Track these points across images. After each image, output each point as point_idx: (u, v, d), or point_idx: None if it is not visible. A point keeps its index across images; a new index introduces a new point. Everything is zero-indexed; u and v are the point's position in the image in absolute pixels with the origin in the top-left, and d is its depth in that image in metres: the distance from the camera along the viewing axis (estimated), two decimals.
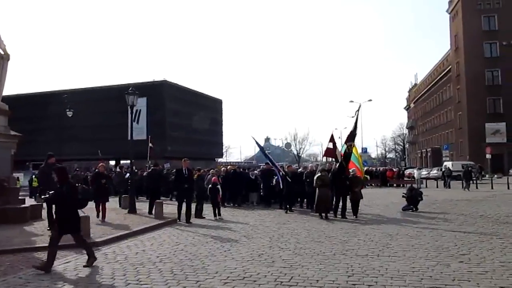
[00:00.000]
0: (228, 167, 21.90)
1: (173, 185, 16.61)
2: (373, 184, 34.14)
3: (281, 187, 16.41)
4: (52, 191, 7.90)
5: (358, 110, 16.09)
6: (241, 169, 22.33)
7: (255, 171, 21.27)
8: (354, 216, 13.85)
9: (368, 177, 31.17)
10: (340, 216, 13.96)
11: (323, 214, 13.91)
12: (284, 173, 16.58)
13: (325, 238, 10.12)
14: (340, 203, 14.41)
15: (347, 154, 15.09)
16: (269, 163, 18.44)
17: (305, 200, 17.34)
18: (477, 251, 8.34)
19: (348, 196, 14.46)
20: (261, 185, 18.97)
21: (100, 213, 13.30)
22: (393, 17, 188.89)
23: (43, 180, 12.25)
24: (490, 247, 8.68)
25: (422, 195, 16.57)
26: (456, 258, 7.75)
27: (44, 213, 12.22)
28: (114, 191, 18.79)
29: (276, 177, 17.08)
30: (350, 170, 14.90)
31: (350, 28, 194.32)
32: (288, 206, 15.94)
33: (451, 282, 6.21)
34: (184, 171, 13.80)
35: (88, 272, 7.12)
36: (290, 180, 15.98)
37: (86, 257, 7.60)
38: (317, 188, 14.23)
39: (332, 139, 16.47)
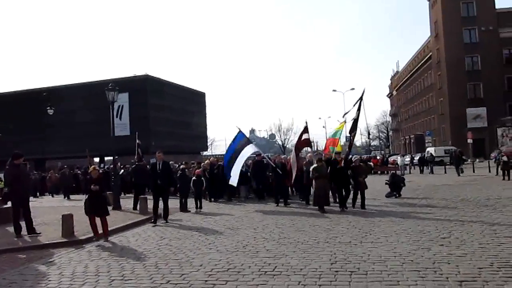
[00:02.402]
0: (211, 159, 21.02)
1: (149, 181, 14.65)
2: None
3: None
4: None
5: (361, 97, 14.61)
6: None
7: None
8: (363, 209, 12.92)
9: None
10: (349, 207, 13.06)
11: (324, 208, 12.89)
12: (274, 164, 15.92)
13: (309, 227, 10.20)
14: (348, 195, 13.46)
15: (350, 144, 15.02)
16: (260, 154, 17.94)
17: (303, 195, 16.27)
18: (457, 234, 8.50)
19: (351, 186, 13.53)
20: (252, 177, 17.99)
21: (100, 231, 9.89)
22: (373, 6, 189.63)
23: (9, 182, 10.76)
24: (470, 230, 8.86)
25: (405, 181, 16.81)
26: (436, 242, 7.89)
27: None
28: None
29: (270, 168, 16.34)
30: (353, 158, 14.52)
31: (331, 18, 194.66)
32: (281, 200, 15.04)
33: (431, 265, 6.33)
34: (158, 166, 12.38)
35: (72, 270, 7.09)
36: (280, 172, 15.20)
37: (70, 255, 7.59)
38: (313, 180, 13.47)
39: (306, 130, 15.84)
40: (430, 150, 41.76)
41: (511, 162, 22.53)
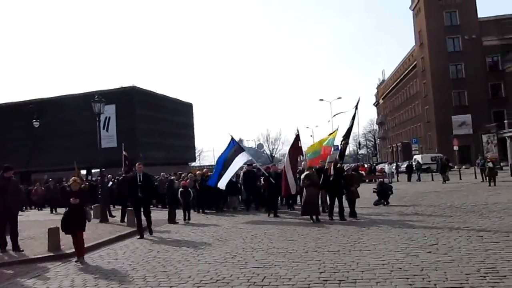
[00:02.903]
0: (204, 170, 20.99)
1: (119, 195, 14.10)
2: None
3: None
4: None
5: (357, 105, 14.57)
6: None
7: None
8: (353, 218, 12.67)
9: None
10: (337, 219, 12.63)
11: (314, 217, 12.59)
12: (267, 174, 15.62)
13: (298, 236, 10.20)
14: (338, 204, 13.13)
15: (342, 152, 14.78)
16: (252, 163, 17.74)
17: (290, 201, 16.46)
18: (444, 240, 8.56)
19: (344, 196, 13.29)
20: (242, 188, 17.68)
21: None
22: (360, 16, 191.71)
23: None
24: (457, 236, 8.93)
25: (392, 188, 16.91)
26: (424, 248, 7.94)
27: None
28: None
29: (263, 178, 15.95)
30: (345, 167, 14.24)
31: (318, 28, 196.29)
32: (272, 210, 14.76)
33: (419, 272, 6.36)
34: (138, 178, 11.77)
35: (59, 284, 7.00)
36: (274, 182, 14.84)
37: (57, 269, 7.49)
38: (304, 188, 12.98)
39: (298, 138, 15.70)
40: (417, 157, 42.07)
41: (496, 168, 22.82)
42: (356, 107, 14.50)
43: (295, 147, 15.49)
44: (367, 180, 34.14)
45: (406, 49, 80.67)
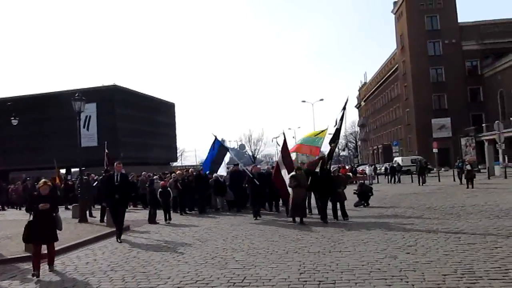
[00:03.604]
0: (190, 170, 20.36)
1: (102, 194, 12.90)
2: None
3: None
4: None
5: (345, 105, 14.46)
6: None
7: (222, 174, 17.85)
8: (345, 218, 12.58)
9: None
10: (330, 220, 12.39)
11: (298, 219, 12.34)
12: (250, 175, 15.13)
13: (279, 237, 10.22)
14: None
15: (330, 153, 14.35)
16: (238, 164, 17.57)
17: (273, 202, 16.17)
18: (423, 242, 8.67)
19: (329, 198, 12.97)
20: (229, 188, 17.21)
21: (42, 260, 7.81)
22: (342, 18, 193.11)
23: None
24: (435, 238, 9.04)
25: (372, 190, 17.06)
26: (403, 250, 8.03)
27: None
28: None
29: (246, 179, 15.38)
30: (331, 168, 13.88)
31: (300, 30, 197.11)
32: (256, 211, 14.26)
33: (398, 273, 6.43)
34: (115, 178, 10.92)
35: (35, 285, 6.89)
36: (258, 183, 14.53)
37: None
38: (291, 189, 12.76)
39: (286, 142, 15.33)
40: (398, 159, 42.58)
41: (474, 171, 23.19)
42: (344, 108, 14.41)
43: (285, 150, 15.14)
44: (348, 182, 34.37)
45: (388, 52, 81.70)
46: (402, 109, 60.72)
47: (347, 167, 40.29)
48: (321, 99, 65.87)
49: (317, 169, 13.25)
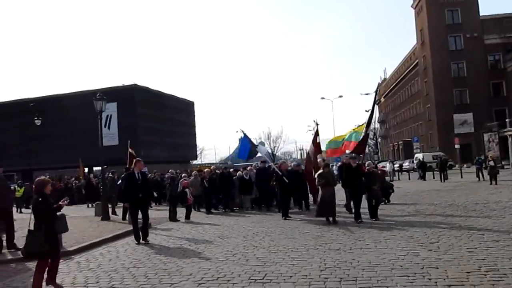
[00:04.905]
0: (212, 167, 20.26)
1: (123, 193, 12.01)
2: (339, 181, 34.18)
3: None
4: None
5: (376, 90, 14.25)
6: (228, 170, 18.58)
7: (248, 171, 17.46)
8: (373, 219, 11.83)
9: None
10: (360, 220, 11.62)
11: (330, 219, 11.72)
12: (279, 172, 14.24)
13: (299, 234, 10.21)
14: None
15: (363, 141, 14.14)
16: (267, 161, 17.05)
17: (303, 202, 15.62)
18: (445, 239, 8.57)
19: (364, 196, 12.19)
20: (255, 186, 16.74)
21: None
22: (361, 14, 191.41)
23: None
24: (458, 235, 8.93)
25: (393, 187, 16.90)
26: (425, 246, 7.95)
27: None
28: (107, 197, 16.74)
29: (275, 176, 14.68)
30: (366, 164, 13.27)
31: (319, 27, 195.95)
32: (285, 211, 13.53)
33: (420, 270, 6.37)
34: (137, 176, 10.54)
35: (60, 281, 7.00)
36: (287, 181, 13.79)
37: (59, 267, 7.48)
38: (319, 188, 12.09)
39: (318, 133, 15.19)
40: (419, 156, 42.07)
41: (498, 167, 22.79)
42: (376, 92, 14.11)
43: (315, 143, 14.88)
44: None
45: (408, 47, 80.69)
46: (423, 105, 59.88)
47: (366, 164, 39.94)
48: (340, 96, 65.70)
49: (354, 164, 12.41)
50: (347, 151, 15.13)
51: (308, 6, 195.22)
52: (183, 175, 19.50)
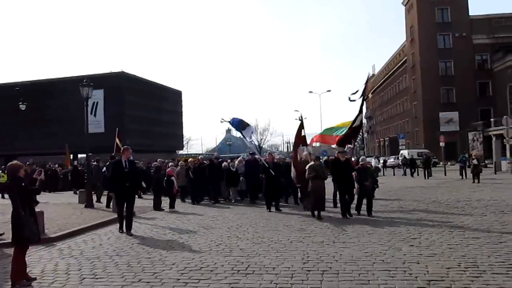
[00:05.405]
0: (200, 157, 19.97)
1: (109, 182, 11.47)
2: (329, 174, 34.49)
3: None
4: None
5: (366, 81, 14.48)
6: (218, 160, 18.41)
7: (235, 163, 17.66)
8: (368, 215, 11.66)
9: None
10: (348, 215, 11.50)
11: (316, 213, 11.51)
12: (266, 164, 13.98)
13: (283, 226, 10.26)
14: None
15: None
16: (255, 153, 16.68)
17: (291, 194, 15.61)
18: (427, 235, 8.67)
19: (354, 191, 11.94)
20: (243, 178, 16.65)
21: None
22: (352, 10, 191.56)
23: None
24: (439, 231, 9.04)
25: (378, 182, 16.98)
26: (407, 242, 8.04)
27: None
28: (92, 184, 16.72)
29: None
30: (360, 160, 13.17)
31: (310, 22, 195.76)
32: (272, 204, 13.44)
33: (401, 265, 6.45)
34: (124, 164, 10.02)
35: (42, 268, 6.97)
36: (273, 173, 13.48)
37: (40, 253, 7.44)
38: (309, 181, 11.74)
39: (302, 126, 15.03)
40: (404, 152, 42.42)
41: (481, 166, 23.09)
42: (366, 83, 14.51)
43: (299, 136, 14.87)
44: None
45: (397, 44, 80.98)
46: (410, 102, 60.36)
47: (353, 159, 40.21)
48: (329, 90, 65.74)
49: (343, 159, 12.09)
50: (333, 146, 15.25)
51: (298, 2, 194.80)
52: (169, 164, 19.40)
